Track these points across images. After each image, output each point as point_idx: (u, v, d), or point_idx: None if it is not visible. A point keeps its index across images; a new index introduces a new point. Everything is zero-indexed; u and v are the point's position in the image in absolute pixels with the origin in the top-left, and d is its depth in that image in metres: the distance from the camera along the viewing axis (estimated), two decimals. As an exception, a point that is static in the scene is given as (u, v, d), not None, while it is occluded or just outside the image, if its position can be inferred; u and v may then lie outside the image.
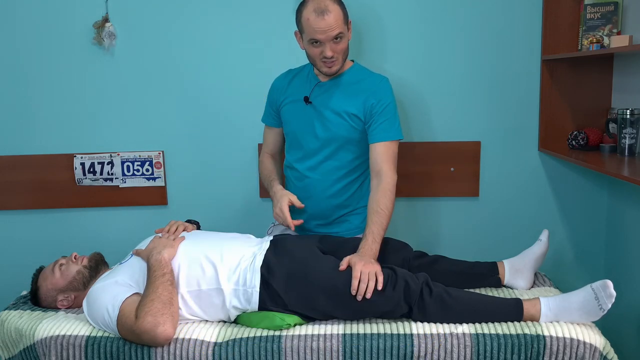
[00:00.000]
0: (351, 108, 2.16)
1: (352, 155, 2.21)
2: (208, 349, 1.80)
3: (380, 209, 2.07)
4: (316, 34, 2.02)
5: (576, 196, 2.65)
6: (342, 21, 2.05)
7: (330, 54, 2.05)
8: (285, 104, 2.28)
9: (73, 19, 2.54)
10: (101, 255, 2.17)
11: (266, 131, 2.41)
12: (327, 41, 2.04)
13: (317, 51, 2.08)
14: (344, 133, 2.17)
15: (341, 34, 2.05)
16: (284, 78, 2.32)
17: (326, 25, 2.01)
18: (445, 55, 2.55)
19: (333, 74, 2.14)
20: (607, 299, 1.77)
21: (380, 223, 2.05)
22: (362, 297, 1.84)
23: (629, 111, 2.16)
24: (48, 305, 2.08)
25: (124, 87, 2.60)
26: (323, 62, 2.09)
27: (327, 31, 2.02)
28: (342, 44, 2.08)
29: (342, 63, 2.13)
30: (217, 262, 1.94)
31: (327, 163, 2.22)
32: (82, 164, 2.65)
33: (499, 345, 1.78)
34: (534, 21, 2.51)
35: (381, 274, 1.87)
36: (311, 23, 2.02)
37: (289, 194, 2.17)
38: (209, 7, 2.55)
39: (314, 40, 2.05)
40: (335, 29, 2.02)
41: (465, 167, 2.63)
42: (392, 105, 2.18)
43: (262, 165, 2.39)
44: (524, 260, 2.15)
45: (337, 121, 2.17)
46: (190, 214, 2.55)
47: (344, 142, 2.19)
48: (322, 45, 2.05)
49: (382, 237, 2.05)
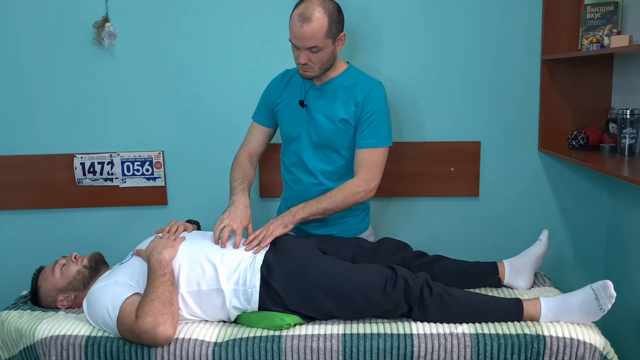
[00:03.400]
0: (342, 113, 2.14)
1: (345, 160, 2.21)
2: (208, 349, 1.80)
3: (329, 195, 2.14)
4: (293, 38, 2.03)
5: (576, 196, 2.65)
6: (322, 35, 2.00)
7: (303, 61, 2.04)
8: (280, 106, 2.27)
9: (73, 19, 2.54)
10: (101, 255, 2.17)
11: (252, 128, 2.35)
12: (302, 48, 2.03)
13: (296, 54, 2.08)
14: (335, 138, 2.17)
15: (316, 47, 2.01)
16: (280, 79, 2.32)
17: (302, 34, 1.99)
18: (445, 55, 2.55)
19: (308, 78, 2.14)
20: (607, 300, 1.77)
21: (318, 202, 2.13)
22: (250, 249, 2.00)
23: (629, 111, 2.16)
24: (48, 305, 2.08)
25: (124, 87, 2.60)
26: (298, 65, 2.09)
27: (302, 40, 2.00)
28: (320, 55, 2.04)
29: (318, 72, 2.10)
30: (218, 262, 1.94)
31: (321, 167, 2.21)
32: (82, 164, 2.65)
33: (499, 345, 1.78)
34: (534, 21, 2.51)
35: (277, 230, 2.07)
36: (292, 26, 2.02)
37: (242, 217, 2.09)
38: (208, 7, 2.55)
39: (292, 43, 2.06)
40: (310, 41, 1.99)
41: (465, 167, 2.63)
42: (381, 112, 2.13)
43: (236, 163, 2.31)
44: (524, 260, 2.15)
45: (328, 126, 2.16)
46: (190, 214, 2.55)
47: (336, 147, 2.19)
48: (299, 51, 2.05)
49: (310, 214, 2.13)
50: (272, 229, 2.08)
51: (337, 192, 2.14)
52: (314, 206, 2.14)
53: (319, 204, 2.14)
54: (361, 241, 2.20)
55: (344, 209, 2.17)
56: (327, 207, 2.13)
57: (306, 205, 2.15)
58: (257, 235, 2.06)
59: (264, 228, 2.10)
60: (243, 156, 2.33)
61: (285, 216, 2.14)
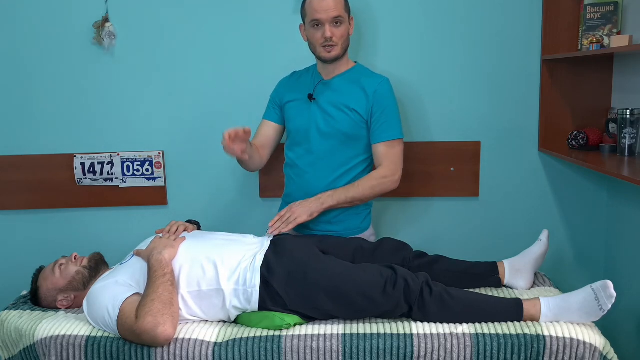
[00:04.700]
0: (352, 103, 2.21)
1: (352, 153, 2.24)
2: (208, 349, 1.80)
3: (356, 184, 2.18)
4: (316, 13, 2.12)
5: (576, 196, 2.64)
6: (342, 6, 2.15)
7: (329, 34, 2.13)
8: (289, 102, 2.32)
9: (73, 19, 2.54)
10: (101, 255, 2.17)
11: (261, 124, 2.40)
12: (327, 22, 2.12)
13: (318, 34, 2.15)
14: (344, 128, 2.21)
15: (340, 17, 2.14)
16: (289, 79, 2.39)
17: (327, 5, 2.11)
18: (445, 55, 2.55)
19: (332, 59, 2.19)
20: (607, 300, 1.77)
21: (347, 191, 2.17)
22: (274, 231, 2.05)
23: (629, 111, 2.16)
24: (48, 305, 2.08)
25: (124, 87, 2.60)
26: (323, 46, 2.16)
27: (328, 11, 2.11)
28: (342, 29, 2.16)
29: (340, 51, 2.18)
30: (218, 262, 1.94)
31: (327, 159, 2.24)
32: (82, 164, 2.65)
33: (499, 345, 1.78)
34: (534, 21, 2.51)
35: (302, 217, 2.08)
36: (313, 4, 2.13)
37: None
38: (208, 7, 2.55)
39: (315, 22, 2.14)
40: (335, 10, 2.12)
41: (465, 167, 2.63)
42: (392, 106, 2.23)
43: None
44: (524, 260, 2.16)
45: (338, 116, 2.21)
46: (190, 214, 2.55)
47: (344, 138, 2.22)
48: (322, 27, 2.13)
49: (339, 202, 2.15)
50: (297, 214, 2.10)
51: (365, 181, 2.19)
52: (342, 194, 2.16)
53: (347, 192, 2.16)
54: (361, 241, 2.20)
55: (370, 198, 2.22)
56: (355, 196, 2.17)
57: (334, 193, 2.17)
58: (281, 217, 2.07)
59: (287, 209, 2.11)
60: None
61: (312, 203, 2.15)
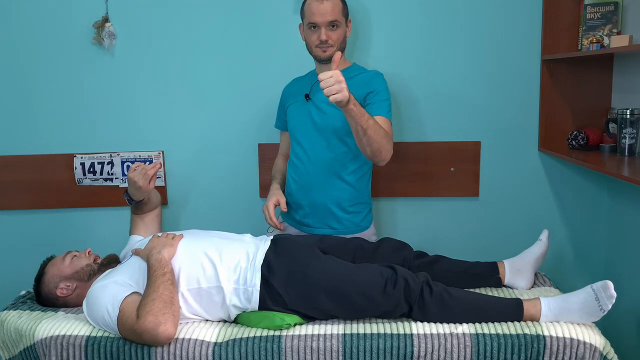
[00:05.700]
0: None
1: (347, 147, 2.23)
2: (208, 349, 1.80)
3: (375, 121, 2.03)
4: (313, 16, 2.16)
5: (576, 196, 2.64)
6: (339, 10, 2.18)
7: (324, 37, 2.17)
8: (289, 105, 2.36)
9: (73, 19, 2.55)
10: (117, 257, 2.17)
11: (281, 135, 2.52)
12: (323, 25, 2.16)
13: (314, 37, 2.19)
14: (338, 122, 2.20)
15: (337, 21, 2.17)
16: (291, 84, 2.43)
17: (324, 9, 2.15)
18: (445, 55, 2.55)
19: (328, 59, 2.17)
20: (607, 300, 1.77)
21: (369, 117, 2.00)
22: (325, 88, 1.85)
23: (629, 111, 2.16)
24: (48, 292, 2.08)
25: (124, 87, 2.60)
26: (319, 47, 2.20)
27: (324, 15, 2.15)
28: (338, 32, 2.19)
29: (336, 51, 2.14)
30: (216, 260, 1.94)
31: (324, 154, 2.24)
32: (82, 164, 2.65)
33: (499, 345, 1.78)
34: (534, 21, 2.51)
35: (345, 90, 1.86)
36: (311, 7, 2.17)
37: (279, 194, 2.30)
38: (208, 7, 2.55)
39: (312, 24, 2.17)
40: (331, 15, 2.15)
41: (465, 167, 2.63)
42: (384, 92, 2.23)
43: (274, 165, 2.52)
44: (524, 260, 2.15)
45: (332, 111, 2.20)
46: (190, 214, 2.55)
47: (340, 133, 2.22)
48: (319, 30, 2.17)
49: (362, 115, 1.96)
50: (344, 85, 1.88)
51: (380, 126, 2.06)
52: (365, 115, 2.00)
53: (369, 119, 2.01)
54: (361, 241, 2.20)
55: (375, 143, 2.04)
56: (369, 126, 2.00)
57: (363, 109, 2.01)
58: (331, 76, 1.87)
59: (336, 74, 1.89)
60: (279, 159, 2.53)
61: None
